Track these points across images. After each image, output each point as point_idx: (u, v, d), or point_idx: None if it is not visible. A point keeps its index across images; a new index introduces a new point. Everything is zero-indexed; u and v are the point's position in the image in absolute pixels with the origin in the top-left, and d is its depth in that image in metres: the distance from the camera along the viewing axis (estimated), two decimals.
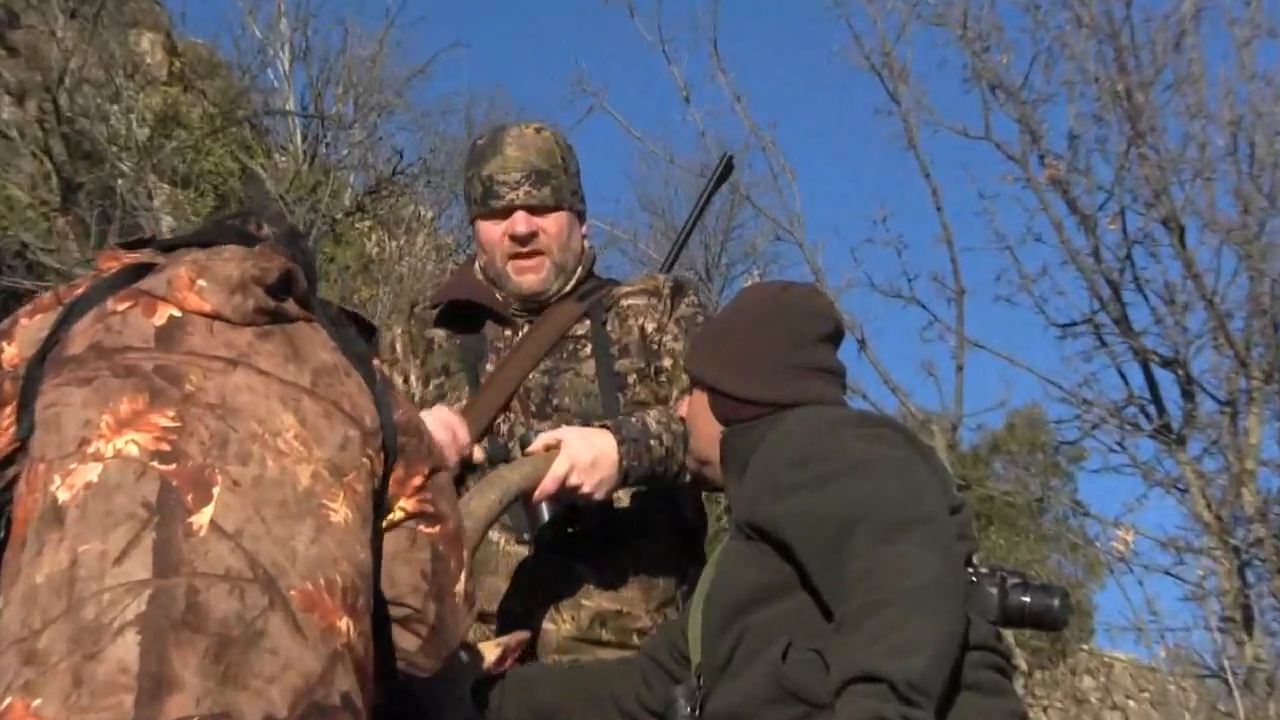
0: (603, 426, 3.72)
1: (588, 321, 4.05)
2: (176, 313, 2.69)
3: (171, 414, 2.57)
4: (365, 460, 2.69)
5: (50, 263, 12.89)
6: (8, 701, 2.38)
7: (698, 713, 3.05)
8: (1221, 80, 10.66)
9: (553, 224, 3.94)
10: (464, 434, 3.73)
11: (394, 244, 17.30)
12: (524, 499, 3.45)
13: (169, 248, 2.90)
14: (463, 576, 2.87)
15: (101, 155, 14.07)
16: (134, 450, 2.52)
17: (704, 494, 4.19)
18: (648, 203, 24.19)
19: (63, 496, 2.50)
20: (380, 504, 2.77)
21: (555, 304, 4.02)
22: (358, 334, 2.97)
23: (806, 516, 2.79)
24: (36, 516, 2.50)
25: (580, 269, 4.04)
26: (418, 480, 2.84)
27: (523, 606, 3.77)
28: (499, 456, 3.76)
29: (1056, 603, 2.96)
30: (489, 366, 3.83)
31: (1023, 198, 12.10)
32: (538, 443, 3.59)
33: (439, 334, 3.92)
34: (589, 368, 4.02)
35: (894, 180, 37.82)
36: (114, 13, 15.06)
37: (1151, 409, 11.48)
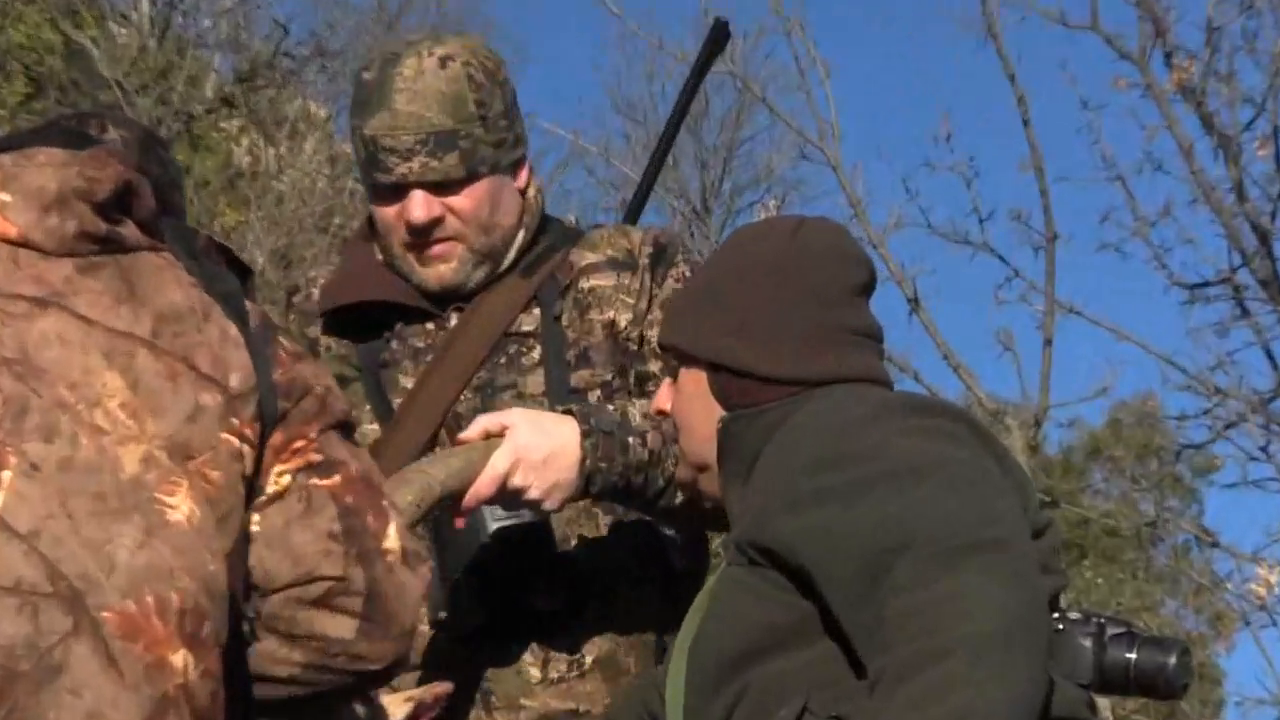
0: (565, 412, 3.67)
1: (537, 313, 3.99)
2: None
3: None
4: (227, 436, 2.58)
5: None
6: None
7: None
8: None
9: (465, 201, 3.80)
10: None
11: (272, 151, 17.11)
12: (449, 507, 3.31)
13: None
14: (391, 530, 2.73)
15: None
16: None
17: (708, 533, 4.14)
18: (624, 105, 22.73)
19: None
20: (252, 487, 2.67)
21: (492, 287, 3.97)
22: (230, 266, 2.95)
23: (834, 536, 2.72)
24: None
25: (522, 235, 3.97)
26: (303, 439, 2.73)
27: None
28: None
29: (1172, 661, 2.82)
30: (402, 380, 3.71)
31: (1140, 110, 11.89)
32: (475, 427, 3.50)
33: (328, 339, 3.81)
34: (535, 382, 3.94)
35: (964, 83, 35.84)
36: None
37: None
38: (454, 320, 3.84)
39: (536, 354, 3.90)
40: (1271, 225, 11.20)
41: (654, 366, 3.87)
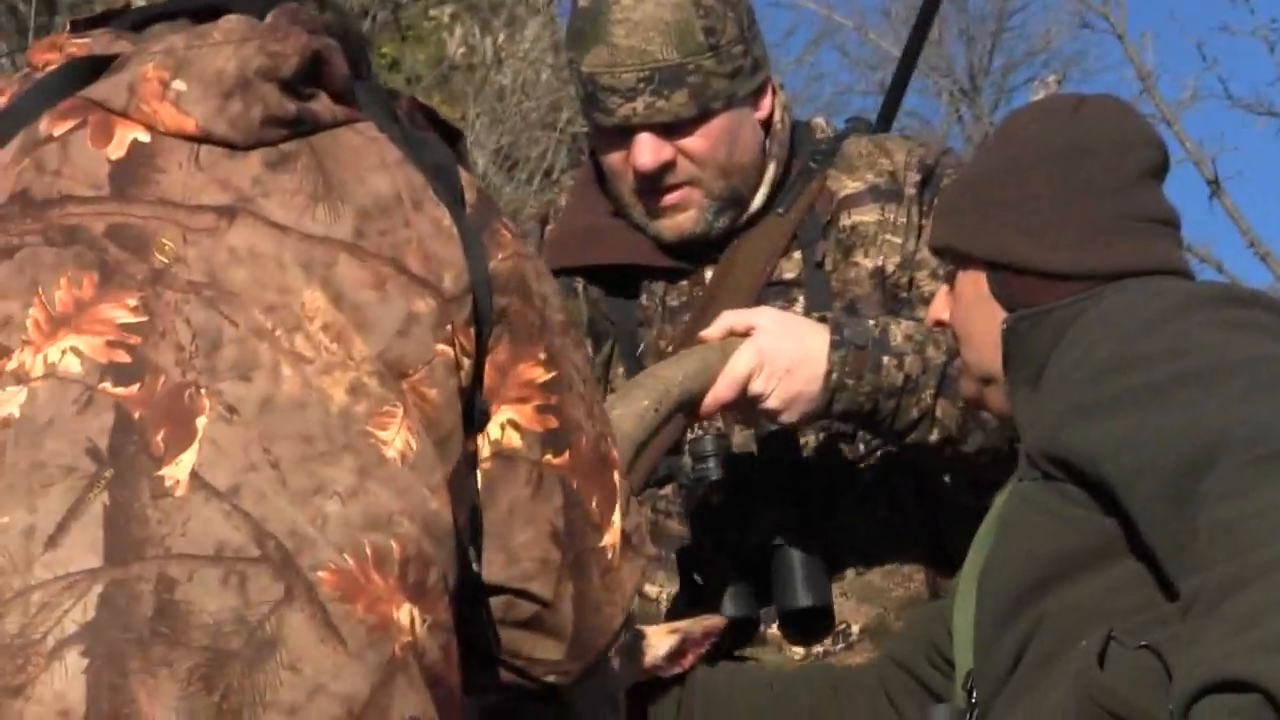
0: (820, 319, 3.71)
1: (799, 256, 3.95)
2: (143, 136, 2.47)
3: (133, 302, 2.35)
4: (442, 347, 2.47)
5: None
6: None
7: None
8: None
9: (699, 142, 3.72)
10: None
11: (489, 40, 16.31)
12: (688, 412, 3.27)
13: (142, 23, 2.65)
14: (615, 514, 2.69)
15: None
16: (75, 365, 2.29)
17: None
18: None
19: None
20: (471, 405, 2.56)
21: (746, 235, 3.93)
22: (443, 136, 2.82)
23: (1138, 444, 2.64)
24: None
25: (772, 168, 3.87)
26: (530, 370, 2.62)
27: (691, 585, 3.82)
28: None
29: None
30: (661, 343, 3.65)
31: None
32: (719, 324, 3.49)
33: (581, 281, 3.70)
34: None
35: None
36: None
37: None
38: (709, 275, 3.80)
39: (800, 305, 3.85)
40: None
41: (922, 312, 3.78)
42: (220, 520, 2.17)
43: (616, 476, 2.66)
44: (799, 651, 3.77)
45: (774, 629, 3.76)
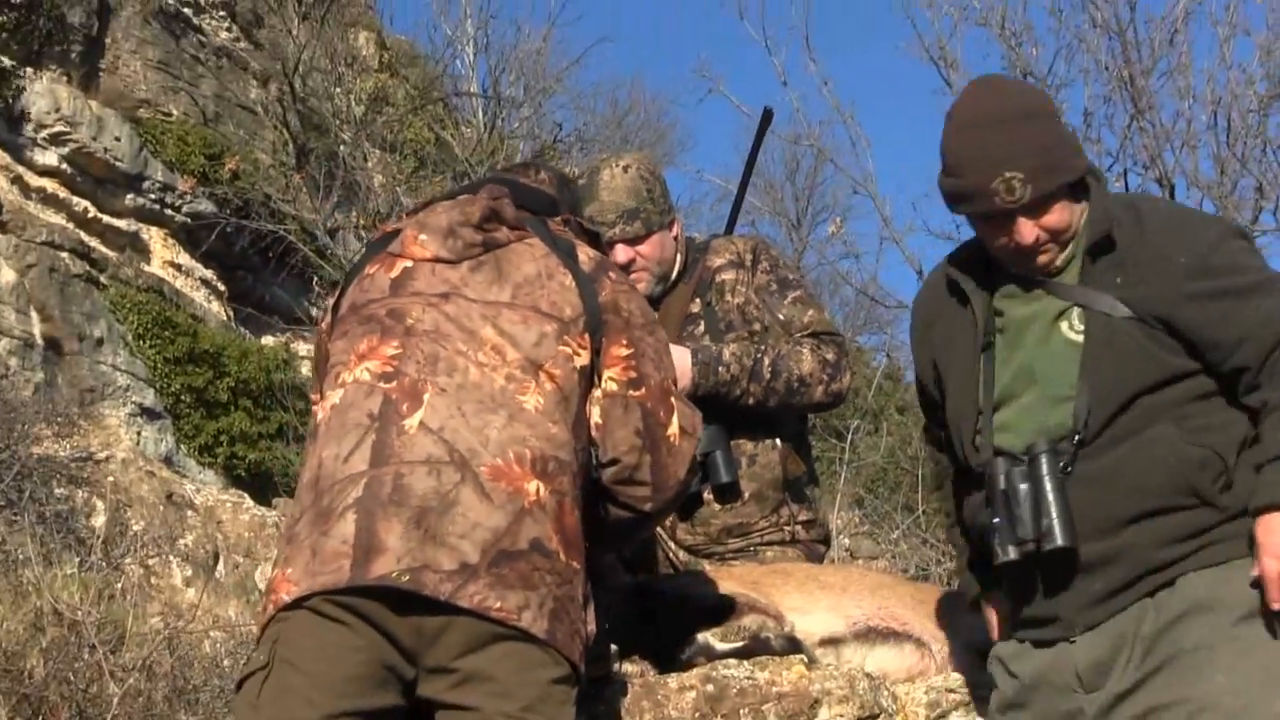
0: (688, 347, 4.90)
1: (698, 300, 5.13)
2: (409, 263, 3.61)
3: (396, 344, 3.47)
4: (563, 347, 3.50)
5: (288, 210, 17.79)
6: (274, 572, 3.35)
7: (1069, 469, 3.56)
8: (1205, 69, 12.71)
9: (648, 248, 5.03)
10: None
11: None
12: None
13: (425, 205, 3.81)
14: (674, 419, 3.68)
15: (327, 127, 19.11)
16: (366, 375, 3.43)
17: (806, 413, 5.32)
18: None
19: (320, 415, 3.51)
20: (594, 370, 3.58)
21: (670, 293, 5.13)
22: (583, 236, 3.86)
23: (1233, 321, 3.47)
24: (309, 433, 3.51)
25: (678, 258, 5.15)
26: (620, 350, 3.62)
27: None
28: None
29: None
30: None
31: None
32: None
33: None
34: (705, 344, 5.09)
35: None
36: (337, 15, 20.19)
37: None
38: (656, 314, 4.39)
39: (702, 327, 5.08)
40: None
41: (756, 326, 5.04)
42: (431, 444, 3.25)
43: (673, 399, 3.64)
44: (716, 506, 5.05)
45: (709, 496, 5.02)
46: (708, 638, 4.42)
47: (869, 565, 13.70)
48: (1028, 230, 3.60)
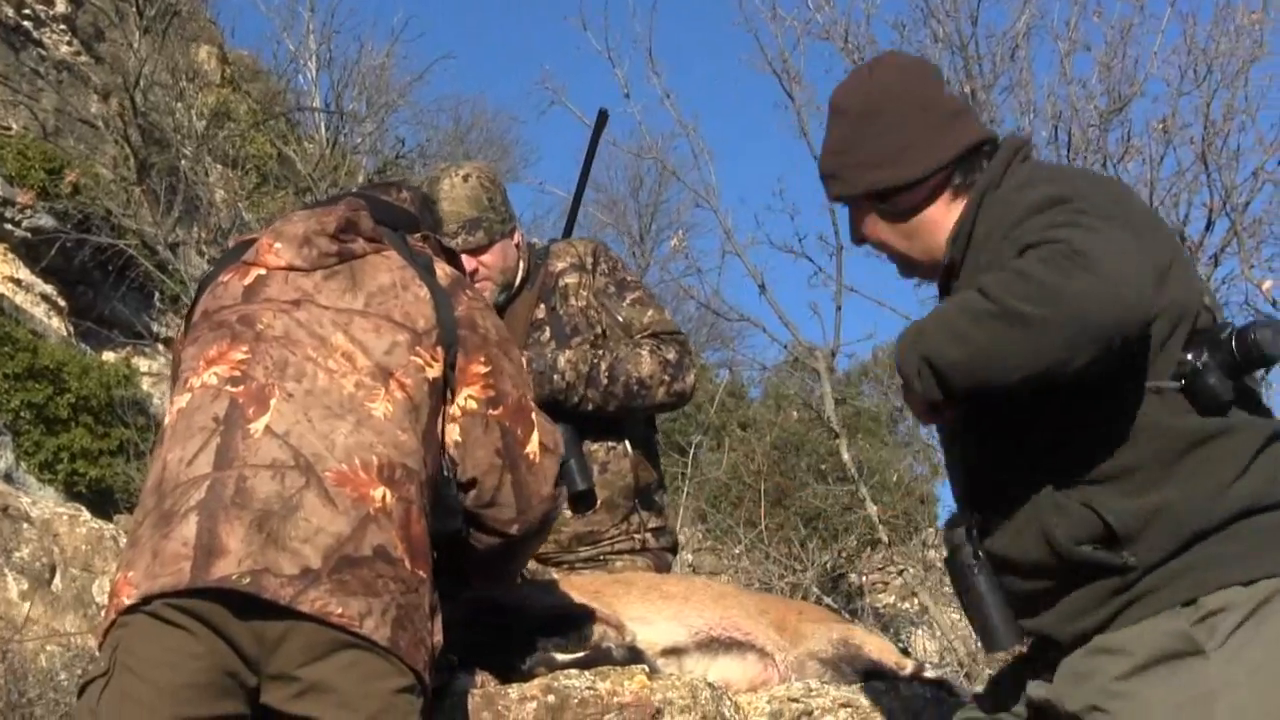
0: (523, 354, 4.80)
1: (543, 306, 5.14)
2: (262, 271, 3.60)
3: (245, 349, 3.45)
4: (415, 358, 3.50)
5: (129, 225, 17.57)
6: (117, 575, 3.28)
7: None
8: (1046, 84, 13.06)
9: (491, 257, 5.05)
10: None
11: None
12: None
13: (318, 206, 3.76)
14: (533, 437, 3.70)
15: (169, 142, 18.93)
16: (213, 379, 3.42)
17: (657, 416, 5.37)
18: (593, 177, 29.72)
19: (167, 420, 3.48)
20: (448, 385, 3.59)
21: (515, 301, 5.15)
22: (442, 254, 3.85)
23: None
24: (157, 441, 3.50)
25: (521, 265, 5.17)
26: (478, 367, 3.63)
27: None
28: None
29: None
30: None
31: None
32: None
33: None
34: (551, 350, 5.09)
35: (789, 160, 45.69)
36: (179, 29, 20.06)
37: None
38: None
39: (548, 333, 5.11)
40: None
41: (598, 330, 5.11)
42: (275, 448, 3.23)
43: (533, 415, 3.67)
44: (569, 514, 5.04)
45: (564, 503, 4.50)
46: (549, 647, 4.37)
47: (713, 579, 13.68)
48: (858, 230, 3.44)
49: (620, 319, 5.08)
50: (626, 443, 5.18)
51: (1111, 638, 3.08)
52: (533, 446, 3.64)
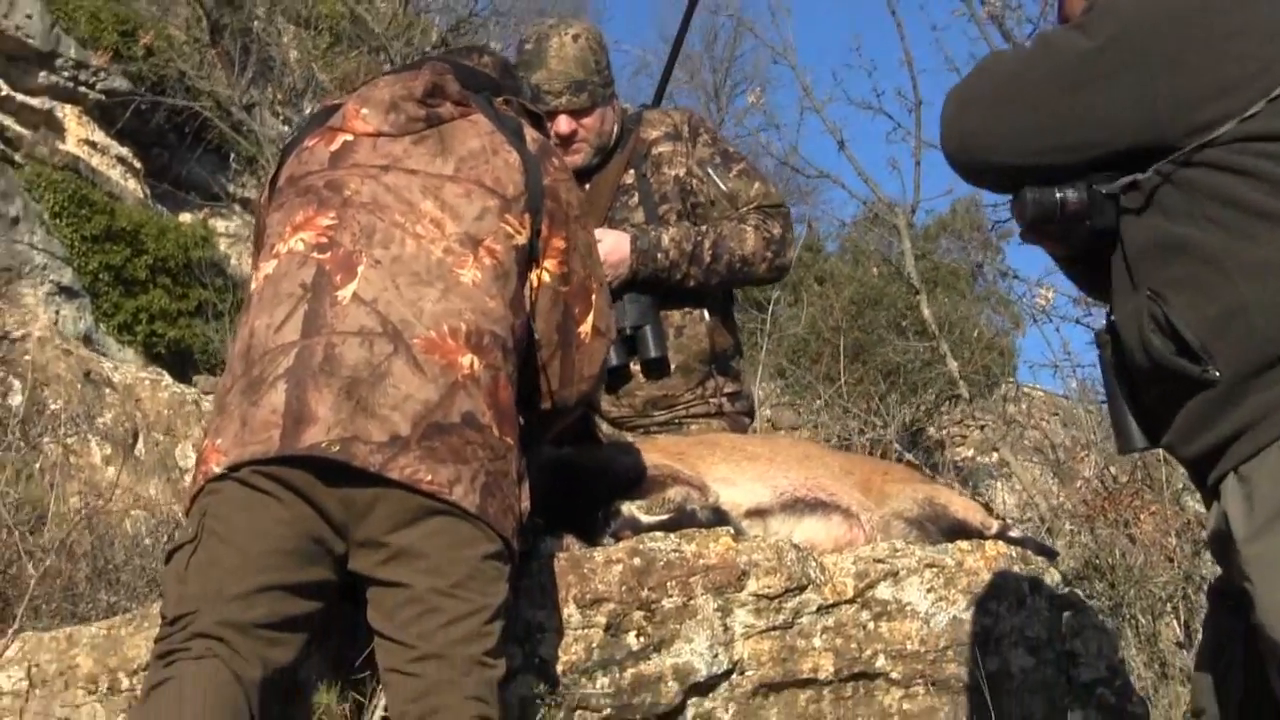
0: (628, 232, 5.00)
1: (632, 172, 5.18)
2: (349, 137, 3.59)
3: (332, 214, 3.43)
4: (504, 224, 3.49)
5: (203, 87, 17.58)
6: (205, 442, 3.33)
7: None
8: None
9: (591, 120, 5.09)
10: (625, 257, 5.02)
11: None
12: None
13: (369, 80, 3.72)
14: (589, 318, 3.72)
15: (241, 2, 18.76)
16: (300, 246, 3.41)
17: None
18: (668, 37, 30.22)
19: (253, 286, 3.48)
20: (533, 253, 3.59)
21: (605, 165, 5.20)
22: (527, 118, 3.83)
23: None
24: (244, 306, 3.48)
25: (615, 130, 5.19)
26: (559, 242, 3.65)
27: None
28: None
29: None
30: None
31: (968, 29, 13.93)
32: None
33: None
34: (639, 215, 5.16)
35: (866, 16, 44.74)
36: None
37: None
38: (589, 185, 5.05)
39: (635, 199, 5.15)
40: None
41: (701, 198, 5.14)
42: (363, 314, 3.22)
43: (593, 297, 3.68)
44: (642, 379, 5.11)
45: (637, 369, 5.08)
46: (633, 510, 4.40)
47: (792, 435, 13.78)
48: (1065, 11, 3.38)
49: (726, 189, 5.09)
50: (704, 309, 5.20)
51: (1245, 470, 2.94)
52: (586, 327, 3.68)
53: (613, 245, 4.87)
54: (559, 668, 4.08)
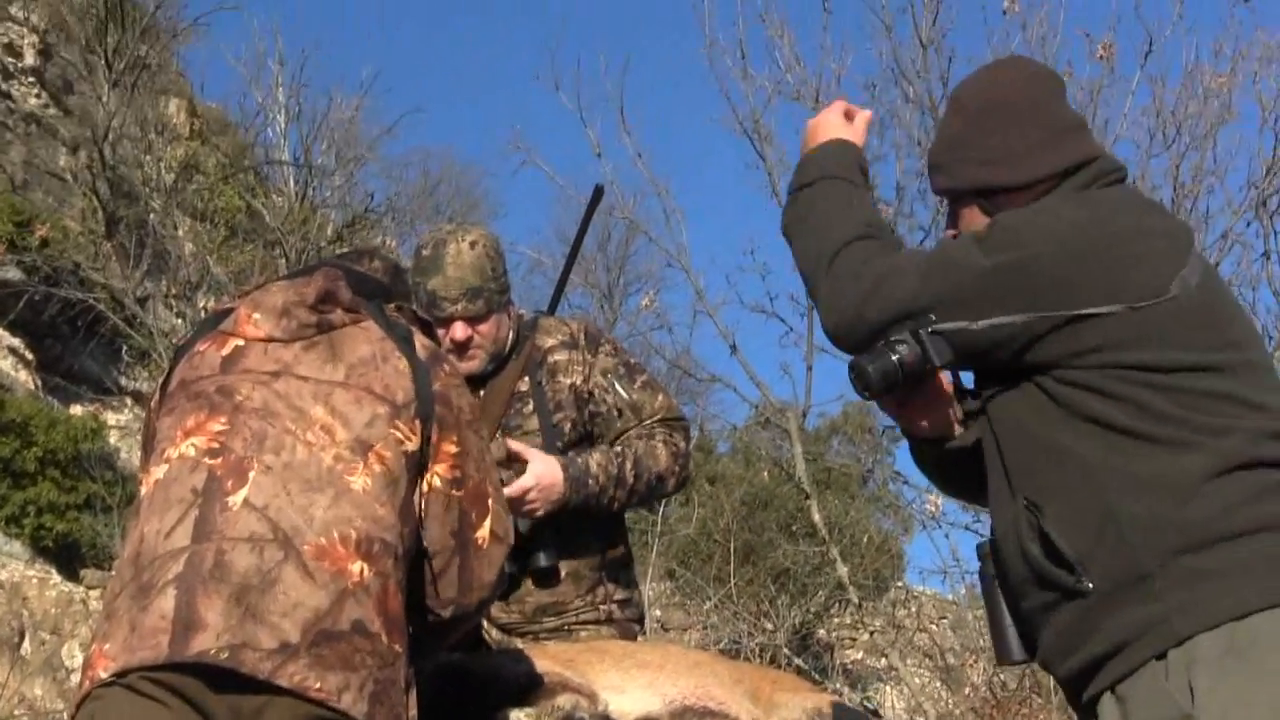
0: (557, 459, 4.85)
1: (528, 379, 5.07)
2: (241, 342, 3.57)
3: (224, 420, 3.43)
4: (394, 431, 3.48)
5: (97, 278, 17.50)
6: (92, 647, 3.21)
7: None
8: None
9: (487, 327, 4.97)
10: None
11: None
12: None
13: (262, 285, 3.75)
14: (486, 522, 3.65)
15: (137, 195, 18.92)
16: (191, 451, 3.38)
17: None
18: (565, 237, 29.66)
19: (143, 491, 3.42)
20: (423, 459, 3.55)
21: (501, 371, 5.07)
22: (417, 325, 3.81)
23: None
24: (131, 510, 3.42)
25: (510, 337, 5.08)
26: (450, 447, 3.60)
27: None
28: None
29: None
30: None
31: None
32: (503, 446, 4.64)
33: None
34: (533, 423, 5.06)
35: (760, 220, 45.81)
36: (148, 82, 20.04)
37: None
38: (483, 392, 4.94)
39: (531, 406, 5.06)
40: None
41: (603, 408, 5.07)
42: (254, 521, 3.21)
43: (490, 502, 3.64)
44: (531, 585, 5.01)
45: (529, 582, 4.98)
46: (522, 718, 4.26)
47: (681, 637, 14.01)
48: (955, 223, 3.50)
49: (630, 399, 5.01)
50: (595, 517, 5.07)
51: (1121, 689, 2.99)
52: (484, 532, 3.60)
53: (545, 470, 4.78)
54: None
